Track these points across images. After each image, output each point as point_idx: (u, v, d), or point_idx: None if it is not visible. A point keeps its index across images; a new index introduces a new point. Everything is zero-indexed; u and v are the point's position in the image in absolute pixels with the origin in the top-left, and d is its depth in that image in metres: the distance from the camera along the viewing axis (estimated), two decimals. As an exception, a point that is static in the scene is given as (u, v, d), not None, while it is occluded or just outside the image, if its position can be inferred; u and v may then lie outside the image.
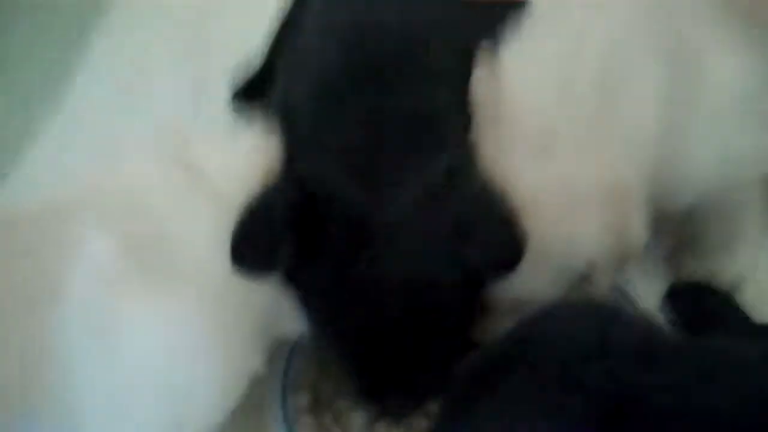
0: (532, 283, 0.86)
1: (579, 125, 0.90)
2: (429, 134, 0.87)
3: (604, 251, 0.89)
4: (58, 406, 0.77)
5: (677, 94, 0.92)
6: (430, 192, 0.82)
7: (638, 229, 0.91)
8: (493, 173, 0.86)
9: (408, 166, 0.83)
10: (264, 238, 0.80)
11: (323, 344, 0.89)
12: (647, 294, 1.04)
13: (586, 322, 0.76)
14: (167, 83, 1.39)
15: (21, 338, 0.76)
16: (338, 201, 0.81)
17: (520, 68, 0.93)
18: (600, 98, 0.90)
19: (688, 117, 0.93)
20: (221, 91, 1.18)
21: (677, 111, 0.92)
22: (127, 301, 0.76)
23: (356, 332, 0.83)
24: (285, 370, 0.96)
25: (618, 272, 0.95)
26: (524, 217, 0.83)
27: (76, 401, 0.76)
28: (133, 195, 0.83)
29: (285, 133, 0.90)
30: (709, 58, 0.93)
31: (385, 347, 0.83)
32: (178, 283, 0.79)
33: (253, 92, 1.16)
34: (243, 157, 0.86)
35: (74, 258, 0.77)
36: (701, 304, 1.04)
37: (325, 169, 0.83)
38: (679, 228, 1.09)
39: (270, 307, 0.84)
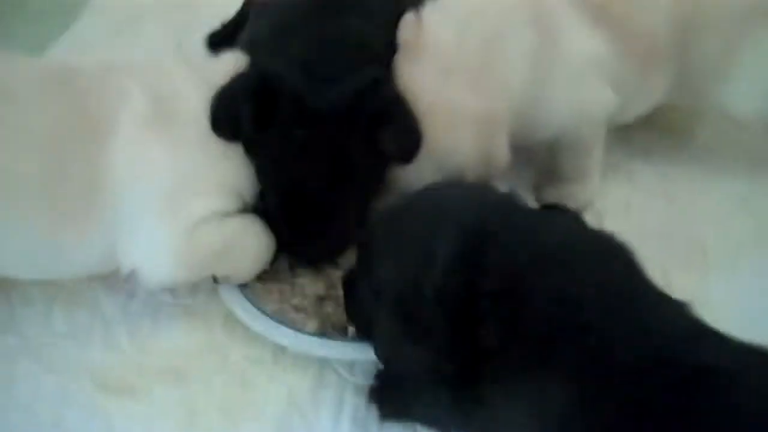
0: (419, 174, 1.12)
1: (469, 66, 1.16)
2: (360, 53, 1.15)
3: (473, 162, 1.14)
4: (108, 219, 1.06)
5: (542, 54, 1.19)
6: (357, 90, 1.09)
7: (501, 151, 1.17)
8: (405, 89, 1.14)
9: (342, 72, 1.11)
10: (229, 111, 1.09)
11: (264, 200, 1.15)
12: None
13: (461, 191, 1.02)
14: (155, 29, 1.68)
15: (83, 161, 1.05)
16: (287, 88, 1.08)
17: (437, 19, 1.20)
18: (486, 49, 1.17)
19: (549, 72, 1.19)
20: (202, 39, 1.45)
21: (540, 67, 1.19)
22: (155, 135, 1.07)
23: (288, 187, 1.11)
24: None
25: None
26: (421, 123, 1.11)
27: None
28: (159, 69, 1.14)
29: (249, 57, 1.17)
30: (568, 29, 1.21)
31: (309, 203, 1.11)
32: (186, 124, 1.09)
33: (226, 38, 1.41)
34: (224, 63, 1.16)
35: (122, 103, 1.07)
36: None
37: (279, 66, 1.11)
38: (541, 162, 1.36)
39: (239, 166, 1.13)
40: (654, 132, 1.44)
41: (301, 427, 1.07)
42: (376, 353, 1.00)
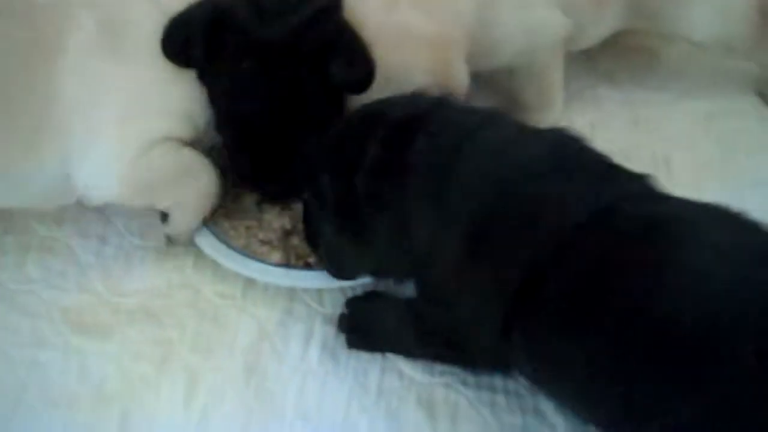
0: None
1: None
2: None
3: (431, 83, 1.13)
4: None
5: None
6: (302, 21, 1.08)
7: (459, 75, 1.17)
8: (353, 17, 1.13)
9: (291, 5, 1.10)
10: (182, 40, 1.09)
11: (220, 134, 1.16)
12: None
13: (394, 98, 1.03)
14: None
15: (32, 83, 1.06)
16: (237, 20, 1.08)
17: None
18: None
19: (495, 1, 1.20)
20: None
21: None
22: (105, 57, 1.08)
23: (241, 120, 1.12)
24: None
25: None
26: (372, 50, 1.11)
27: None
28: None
29: None
30: None
31: (264, 137, 1.11)
32: (138, 48, 1.09)
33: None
34: None
35: (71, 29, 1.07)
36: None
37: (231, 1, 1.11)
38: (503, 90, 1.36)
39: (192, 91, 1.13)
40: (619, 56, 1.45)
41: (271, 357, 1.09)
42: (326, 263, 1.06)
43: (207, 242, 1.18)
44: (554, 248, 0.82)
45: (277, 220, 1.20)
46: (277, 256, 1.15)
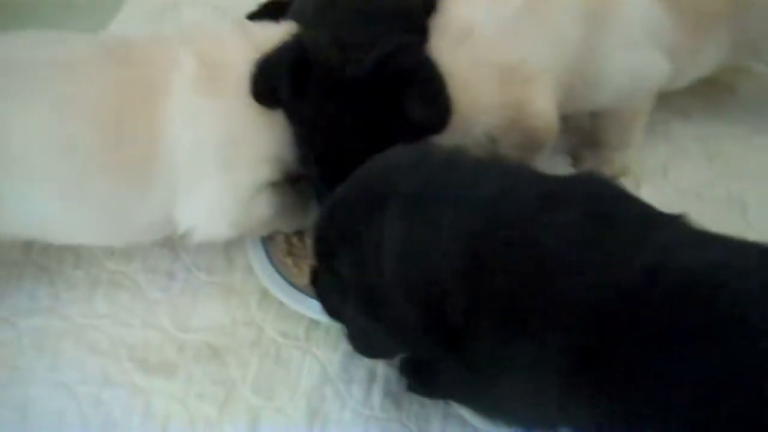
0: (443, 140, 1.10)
1: (500, 22, 1.12)
2: (393, 23, 1.14)
3: (501, 121, 1.11)
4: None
5: (595, 17, 1.14)
6: (381, 55, 1.08)
7: (540, 111, 1.12)
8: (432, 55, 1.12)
9: (373, 41, 1.09)
10: (269, 80, 1.10)
11: (305, 169, 1.16)
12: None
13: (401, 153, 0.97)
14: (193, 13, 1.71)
15: (139, 123, 1.09)
16: (321, 58, 1.09)
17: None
18: (527, 6, 1.12)
19: (603, 38, 1.15)
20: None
21: (594, 30, 1.14)
22: (204, 96, 1.10)
23: (324, 155, 1.12)
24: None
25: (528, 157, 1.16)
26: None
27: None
28: (210, 35, 1.17)
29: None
30: None
31: (345, 172, 1.04)
32: (236, 90, 1.11)
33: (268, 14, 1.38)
34: (276, 31, 1.16)
35: (174, 68, 1.10)
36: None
37: (316, 37, 1.11)
38: (581, 127, 1.35)
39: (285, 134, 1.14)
40: (692, 91, 1.38)
41: (335, 401, 1.09)
42: (353, 346, 1.02)
43: (271, 280, 1.18)
44: (611, 316, 0.79)
45: (340, 259, 1.17)
46: (337, 296, 1.13)
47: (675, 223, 0.84)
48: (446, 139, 1.08)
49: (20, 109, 1.05)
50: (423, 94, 1.08)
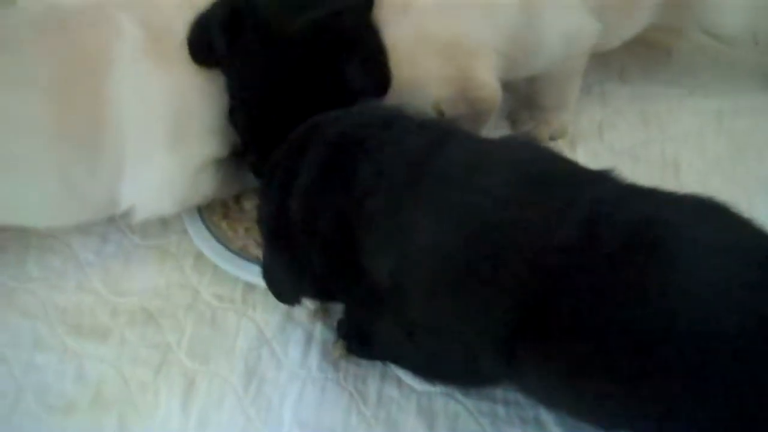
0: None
1: None
2: None
3: (445, 95, 1.11)
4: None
5: None
6: (324, 19, 1.05)
7: (484, 82, 1.12)
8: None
9: (314, 2, 1.07)
10: (204, 33, 1.08)
11: (231, 124, 1.13)
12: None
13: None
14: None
15: (87, 98, 1.05)
16: (257, 14, 1.06)
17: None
18: None
19: (538, 6, 1.15)
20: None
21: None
22: (151, 65, 1.07)
23: (254, 110, 1.09)
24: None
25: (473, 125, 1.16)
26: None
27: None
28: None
29: None
30: None
31: (275, 130, 1.04)
32: (179, 54, 1.08)
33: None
34: None
35: (116, 36, 1.06)
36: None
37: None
38: (518, 90, 1.35)
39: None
40: (628, 52, 1.41)
41: (271, 363, 1.08)
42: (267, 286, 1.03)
43: (206, 244, 1.16)
44: (543, 272, 0.79)
45: (275, 221, 1.16)
46: (275, 258, 1.12)
47: (607, 178, 0.85)
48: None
49: None
50: (363, 61, 1.07)
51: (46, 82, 1.03)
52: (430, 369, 0.97)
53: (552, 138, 1.34)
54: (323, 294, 1.01)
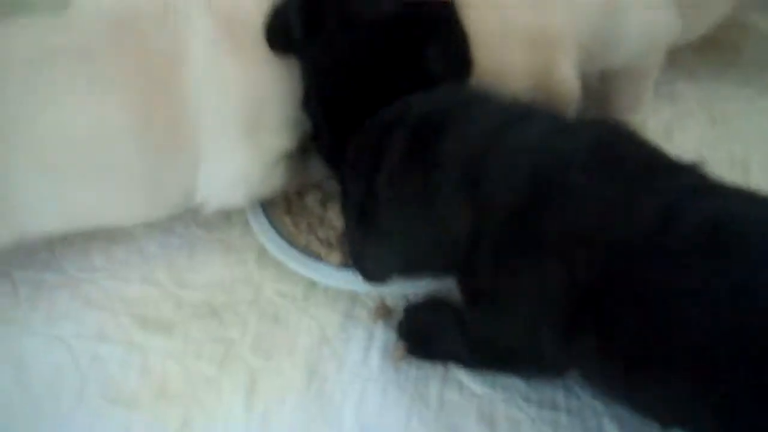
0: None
1: None
2: None
3: (531, 90, 1.08)
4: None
5: None
6: (408, 4, 1.03)
7: (565, 75, 1.10)
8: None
9: None
10: (283, 20, 1.07)
11: (306, 112, 1.12)
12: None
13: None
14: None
15: (165, 98, 1.06)
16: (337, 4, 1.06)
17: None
18: None
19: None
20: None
21: None
22: (224, 55, 1.07)
23: (330, 95, 1.07)
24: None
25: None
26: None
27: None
28: None
29: None
30: None
31: (351, 115, 1.04)
32: (255, 47, 1.08)
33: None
34: None
35: (188, 35, 1.07)
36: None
37: None
38: (590, 89, 1.27)
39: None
40: (698, 52, 1.39)
41: (332, 361, 1.08)
42: (352, 264, 1.04)
43: (270, 239, 1.17)
44: (617, 255, 0.80)
45: (338, 219, 1.18)
46: (336, 257, 1.14)
47: (690, 170, 0.85)
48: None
49: (43, 104, 1.02)
50: (445, 48, 1.04)
51: (125, 87, 1.04)
52: (492, 354, 0.98)
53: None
54: (409, 269, 1.02)
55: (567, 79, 1.11)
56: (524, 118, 0.91)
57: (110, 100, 1.04)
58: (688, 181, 0.84)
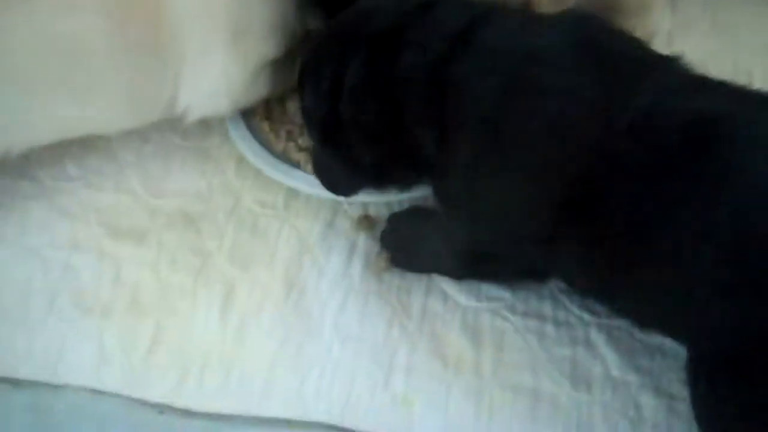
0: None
1: None
2: None
3: None
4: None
5: None
6: None
7: None
8: None
9: None
10: None
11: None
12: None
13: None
14: None
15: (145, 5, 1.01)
16: None
17: None
18: None
19: None
20: None
21: None
22: None
23: None
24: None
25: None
26: None
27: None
28: None
29: None
30: None
31: None
32: None
33: None
34: None
35: None
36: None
37: None
38: None
39: None
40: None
41: (312, 271, 1.05)
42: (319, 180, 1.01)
43: (248, 147, 1.13)
44: (599, 157, 0.77)
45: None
46: (313, 164, 1.08)
47: (675, 65, 0.82)
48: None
49: (14, 15, 0.96)
50: None
51: None
52: (475, 260, 0.96)
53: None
54: (377, 184, 0.98)
55: None
56: (490, 16, 0.87)
57: (84, 7, 0.99)
58: (671, 78, 0.81)
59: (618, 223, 0.77)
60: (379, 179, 0.96)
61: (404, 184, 0.99)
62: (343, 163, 0.94)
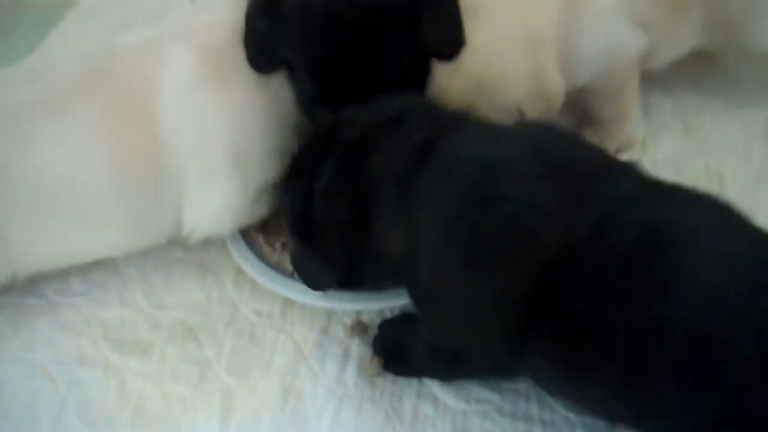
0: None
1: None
2: None
3: (527, 91, 1.12)
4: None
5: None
6: None
7: (553, 79, 1.13)
8: None
9: None
10: (256, 40, 1.08)
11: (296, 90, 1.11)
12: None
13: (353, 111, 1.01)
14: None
15: (142, 138, 1.07)
16: None
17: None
18: None
19: (581, 14, 1.15)
20: None
21: (569, 9, 1.14)
22: (208, 90, 1.07)
23: (324, 69, 1.06)
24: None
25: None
26: (464, 60, 1.08)
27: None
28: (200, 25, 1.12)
29: None
30: None
31: (345, 88, 1.05)
32: (236, 75, 1.08)
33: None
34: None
35: (162, 68, 1.07)
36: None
37: None
38: (578, 105, 1.32)
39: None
40: (673, 62, 1.36)
41: (308, 378, 1.09)
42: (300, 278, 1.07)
43: (245, 259, 1.18)
44: (555, 262, 0.81)
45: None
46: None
47: (629, 172, 0.87)
48: (478, 110, 1.07)
49: (19, 157, 1.04)
50: (437, 20, 1.06)
51: (96, 133, 1.05)
52: (449, 360, 0.99)
53: (619, 151, 1.32)
54: (350, 281, 1.04)
55: (556, 80, 1.14)
56: (454, 126, 0.93)
57: (82, 149, 1.05)
58: (626, 185, 0.85)
59: (576, 325, 0.80)
60: (352, 275, 1.01)
61: (378, 282, 1.05)
62: (317, 259, 1.00)
